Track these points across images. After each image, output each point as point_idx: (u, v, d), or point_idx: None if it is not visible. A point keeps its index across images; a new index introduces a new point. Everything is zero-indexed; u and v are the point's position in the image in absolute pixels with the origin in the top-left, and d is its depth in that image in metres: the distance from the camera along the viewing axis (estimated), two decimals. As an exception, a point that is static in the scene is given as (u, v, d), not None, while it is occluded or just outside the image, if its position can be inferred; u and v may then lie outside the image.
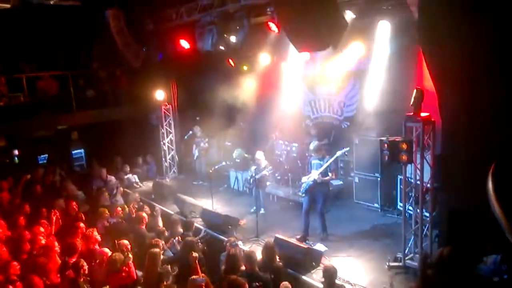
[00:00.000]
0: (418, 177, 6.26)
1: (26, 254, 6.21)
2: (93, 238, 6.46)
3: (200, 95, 12.55)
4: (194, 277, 4.98)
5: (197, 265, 5.35)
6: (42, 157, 12.61)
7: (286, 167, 10.48)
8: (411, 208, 6.66)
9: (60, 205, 8.16)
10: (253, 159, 9.64)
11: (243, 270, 5.53)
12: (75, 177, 11.11)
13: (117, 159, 12.45)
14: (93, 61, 12.45)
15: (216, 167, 10.42)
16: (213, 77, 12.11)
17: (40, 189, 9.25)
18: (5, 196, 8.61)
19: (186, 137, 12.40)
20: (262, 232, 7.97)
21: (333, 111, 11.16)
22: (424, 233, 6.30)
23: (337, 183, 9.37)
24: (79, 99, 12.22)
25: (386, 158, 6.22)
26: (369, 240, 7.53)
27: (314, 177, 7.48)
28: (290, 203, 9.76)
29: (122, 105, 12.97)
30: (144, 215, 7.57)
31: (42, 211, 7.66)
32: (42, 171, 10.46)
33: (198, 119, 12.96)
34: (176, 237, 7.04)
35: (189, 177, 12.61)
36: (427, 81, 6.90)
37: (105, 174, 10.87)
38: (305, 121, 11.78)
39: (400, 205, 8.23)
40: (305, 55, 9.73)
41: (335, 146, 9.24)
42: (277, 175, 10.65)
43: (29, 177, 9.26)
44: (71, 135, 13.14)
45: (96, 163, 11.75)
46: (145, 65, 11.58)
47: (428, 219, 6.31)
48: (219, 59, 11.32)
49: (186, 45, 10.20)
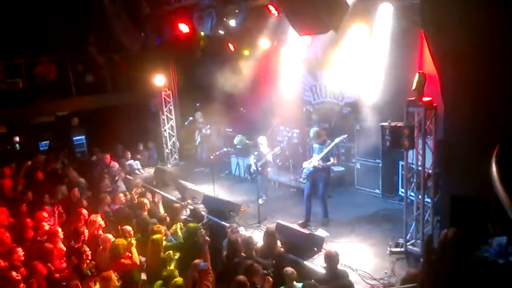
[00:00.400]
0: (419, 163, 6.25)
1: (29, 240, 6.25)
2: (97, 224, 6.49)
3: (200, 80, 12.46)
4: (196, 262, 5.00)
5: (207, 250, 5.35)
6: (43, 143, 12.59)
7: (287, 153, 10.47)
8: (412, 194, 6.66)
9: (62, 191, 8.17)
10: (255, 145, 9.60)
11: (242, 255, 5.56)
12: (77, 163, 11.12)
13: (118, 145, 12.43)
14: (91, 46, 12.31)
15: (217, 153, 10.41)
16: (212, 62, 12.00)
17: (41, 175, 9.25)
18: (7, 182, 8.62)
19: (186, 124, 12.35)
20: (264, 218, 8.00)
21: (334, 97, 11.09)
22: (425, 218, 6.31)
23: (338, 169, 9.36)
24: (78, 85, 12.13)
25: (387, 143, 6.19)
26: (370, 225, 7.55)
27: (314, 163, 7.46)
28: (291, 189, 9.77)
29: (121, 91, 12.87)
30: (146, 201, 7.60)
31: (44, 198, 7.68)
32: (43, 158, 10.45)
33: (198, 105, 12.90)
34: (177, 223, 7.07)
35: (190, 163, 12.62)
36: (428, 65, 6.82)
37: (108, 160, 10.88)
38: (306, 106, 11.71)
39: (401, 191, 8.23)
40: (306, 38, 9.60)
41: (336, 131, 9.19)
42: (278, 161, 10.65)
43: (29, 163, 9.25)
44: (71, 122, 13.09)
45: (98, 150, 11.75)
46: (143, 50, 11.45)
47: (429, 205, 6.32)
48: (218, 43, 11.18)
49: (185, 29, 10.04)
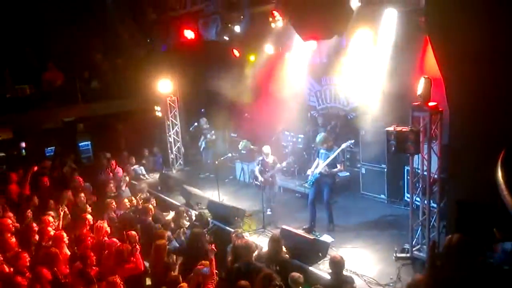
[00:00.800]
0: (425, 168, 6.21)
1: (34, 245, 6.27)
2: (103, 229, 6.49)
3: (204, 86, 12.51)
4: (199, 267, 5.00)
5: (214, 258, 5.30)
6: (49, 149, 12.67)
7: (292, 159, 10.43)
8: (418, 199, 6.61)
9: (68, 197, 8.20)
10: (259, 152, 9.57)
11: (243, 260, 5.54)
12: (82, 169, 11.17)
13: (123, 150, 12.48)
14: (97, 52, 12.42)
15: (222, 158, 10.42)
16: (218, 67, 12.05)
17: (47, 181, 9.30)
18: (13, 188, 8.66)
19: (191, 129, 12.38)
20: (268, 223, 7.98)
21: (339, 102, 11.08)
22: (431, 224, 6.26)
23: (343, 174, 9.33)
24: (84, 91, 12.22)
25: (393, 148, 6.16)
26: (376, 231, 7.50)
27: (320, 169, 7.44)
28: (296, 195, 9.74)
29: (126, 96, 12.95)
30: (150, 207, 7.61)
31: (50, 203, 7.71)
32: (49, 163, 10.51)
33: (203, 110, 12.93)
34: (182, 228, 7.07)
35: (195, 169, 12.63)
36: (432, 70, 6.80)
37: (113, 166, 10.92)
38: (311, 111, 11.71)
39: (407, 196, 8.18)
40: (311, 44, 9.61)
41: (341, 137, 9.18)
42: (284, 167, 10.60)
43: (36, 169, 9.30)
44: (77, 127, 13.18)
45: (103, 155, 11.79)
46: (149, 56, 11.54)
47: (435, 210, 6.27)
48: (223, 50, 11.23)
49: (190, 35, 10.10)
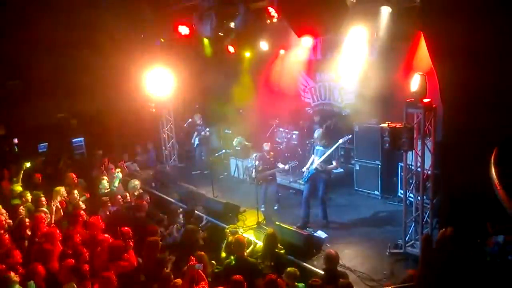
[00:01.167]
0: (419, 164, 6.24)
1: (27, 241, 6.23)
2: (97, 225, 6.46)
3: (199, 82, 12.45)
4: (193, 263, 4.99)
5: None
6: (42, 145, 12.56)
7: (286, 155, 10.46)
8: (411, 195, 6.65)
9: (61, 193, 8.14)
10: (254, 148, 9.58)
11: (235, 256, 5.55)
12: (76, 165, 11.08)
13: (117, 147, 12.39)
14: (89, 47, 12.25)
15: (216, 154, 10.40)
16: (212, 63, 12.00)
17: (40, 177, 9.23)
18: (6, 184, 8.60)
19: (186, 125, 12.34)
20: (263, 219, 7.98)
21: (333, 99, 11.09)
22: (425, 220, 6.30)
23: (338, 170, 9.33)
24: (77, 87, 12.08)
25: (386, 145, 6.19)
26: (369, 227, 7.55)
27: (316, 165, 7.45)
28: (290, 191, 9.76)
29: (120, 92, 12.81)
30: (144, 203, 7.58)
31: (42, 200, 7.65)
32: (42, 160, 10.44)
33: (197, 106, 12.88)
34: (175, 225, 7.06)
35: (189, 165, 12.59)
36: (424, 67, 6.83)
37: (106, 162, 10.84)
38: (306, 108, 11.72)
39: (400, 192, 8.22)
40: (305, 41, 9.61)
41: (335, 133, 9.20)
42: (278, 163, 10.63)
43: (28, 165, 9.23)
44: (70, 123, 13.05)
45: (96, 152, 11.71)
46: (143, 51, 11.44)
47: (428, 206, 6.31)
48: (218, 45, 11.18)
49: (185, 31, 10.04)
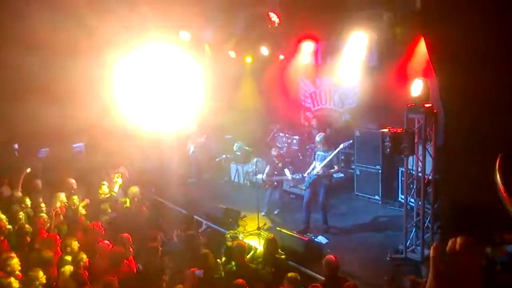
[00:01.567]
0: (419, 169, 6.23)
1: (27, 247, 6.20)
2: (97, 231, 6.45)
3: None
4: (193, 269, 4.98)
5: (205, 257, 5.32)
6: (42, 150, 12.53)
7: (287, 160, 10.43)
8: (412, 200, 6.63)
9: (61, 199, 8.13)
10: (254, 153, 9.57)
11: (236, 262, 5.53)
12: (76, 170, 11.06)
13: (116, 152, 12.35)
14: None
15: (217, 160, 10.39)
16: (212, 69, 12.01)
17: (40, 183, 9.21)
18: (6, 190, 8.57)
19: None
20: (263, 224, 7.96)
21: (334, 103, 11.10)
22: (426, 225, 6.27)
23: (338, 175, 9.32)
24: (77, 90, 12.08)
25: (388, 150, 6.18)
26: (370, 232, 7.52)
27: (318, 171, 7.45)
28: (291, 196, 9.73)
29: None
30: (144, 209, 7.56)
31: (42, 205, 7.63)
32: (42, 165, 10.40)
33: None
34: (175, 231, 7.03)
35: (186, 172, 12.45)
36: (427, 72, 6.84)
37: (106, 167, 10.82)
38: (306, 113, 11.73)
39: (401, 197, 8.20)
40: (306, 45, 9.64)
41: (336, 138, 9.19)
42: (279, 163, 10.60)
43: (29, 170, 9.22)
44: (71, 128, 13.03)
45: (96, 157, 11.68)
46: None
47: (429, 211, 6.28)
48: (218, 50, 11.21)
49: (185, 37, 10.07)
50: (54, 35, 8.29)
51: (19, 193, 8.22)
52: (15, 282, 4.89)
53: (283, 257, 6.27)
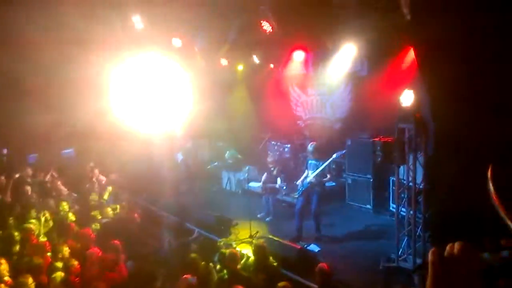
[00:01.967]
0: (410, 178, 6.29)
1: (16, 254, 6.11)
2: (87, 238, 6.39)
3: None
4: (185, 276, 4.95)
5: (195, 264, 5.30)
6: (31, 156, 12.38)
7: (278, 168, 10.46)
8: (403, 209, 6.69)
9: (50, 205, 8.04)
10: (246, 161, 9.61)
11: (227, 270, 5.52)
12: (65, 176, 10.95)
13: (107, 158, 12.27)
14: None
15: (208, 167, 10.38)
16: (204, 76, 12.04)
17: (29, 189, 9.09)
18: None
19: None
20: (256, 232, 7.94)
21: (325, 112, 11.20)
22: (417, 234, 6.33)
23: (330, 184, 9.37)
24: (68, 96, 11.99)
25: (378, 159, 6.25)
26: (362, 241, 7.56)
27: (310, 179, 7.49)
28: (283, 204, 9.74)
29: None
30: (135, 216, 7.52)
31: (32, 211, 7.54)
32: (31, 171, 10.28)
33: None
34: (166, 238, 7.00)
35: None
36: (415, 81, 6.95)
37: (96, 174, 10.73)
38: (298, 121, 11.81)
39: (392, 206, 8.27)
40: (298, 55, 9.74)
41: (327, 147, 9.25)
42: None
43: (17, 176, 9.11)
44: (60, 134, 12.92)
45: (87, 163, 11.58)
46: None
47: (420, 220, 6.34)
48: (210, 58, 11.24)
49: (177, 44, 10.11)
50: (44, 41, 8.32)
51: (8, 199, 8.10)
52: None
53: (275, 265, 6.26)
